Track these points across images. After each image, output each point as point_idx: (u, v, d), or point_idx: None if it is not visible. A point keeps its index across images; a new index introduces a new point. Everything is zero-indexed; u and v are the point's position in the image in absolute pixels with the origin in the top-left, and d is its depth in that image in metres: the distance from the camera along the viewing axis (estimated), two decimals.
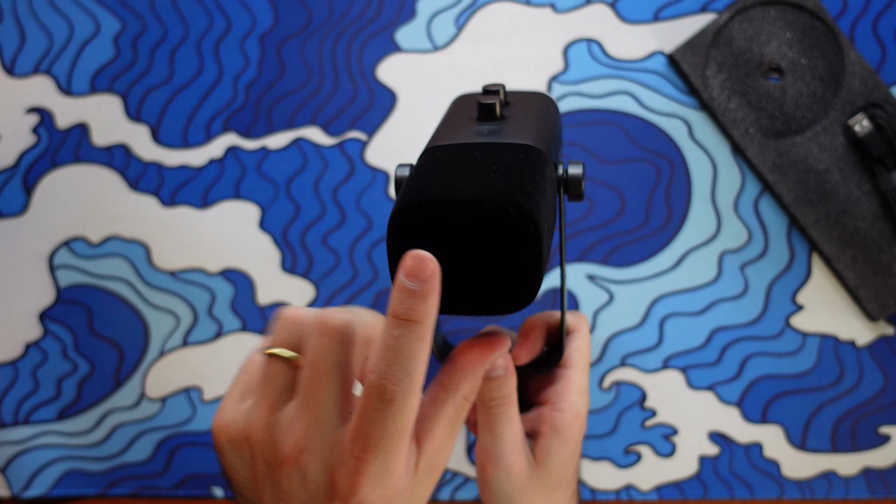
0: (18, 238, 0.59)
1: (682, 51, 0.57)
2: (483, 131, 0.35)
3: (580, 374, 0.42)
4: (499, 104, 0.37)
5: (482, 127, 0.36)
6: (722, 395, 0.59)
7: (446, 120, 0.39)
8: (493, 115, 0.37)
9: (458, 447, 0.59)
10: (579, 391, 0.41)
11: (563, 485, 0.41)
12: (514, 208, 0.29)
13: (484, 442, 0.39)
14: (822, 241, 0.58)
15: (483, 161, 0.32)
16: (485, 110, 0.37)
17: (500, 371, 0.37)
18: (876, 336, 0.59)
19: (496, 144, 0.33)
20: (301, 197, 0.59)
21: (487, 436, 0.39)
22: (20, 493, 0.59)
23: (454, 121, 0.38)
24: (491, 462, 0.39)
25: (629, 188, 0.59)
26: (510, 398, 0.38)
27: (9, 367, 0.59)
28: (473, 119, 0.37)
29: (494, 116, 0.37)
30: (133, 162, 0.59)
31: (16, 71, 0.59)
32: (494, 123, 0.36)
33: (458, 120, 0.38)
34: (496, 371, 0.37)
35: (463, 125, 0.37)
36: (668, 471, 0.60)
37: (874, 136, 0.56)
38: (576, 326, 0.44)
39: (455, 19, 0.59)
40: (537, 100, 0.41)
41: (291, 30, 0.59)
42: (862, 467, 0.59)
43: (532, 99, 0.41)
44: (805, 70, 0.58)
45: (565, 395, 0.41)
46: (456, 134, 0.36)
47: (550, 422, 0.40)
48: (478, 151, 0.33)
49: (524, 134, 0.35)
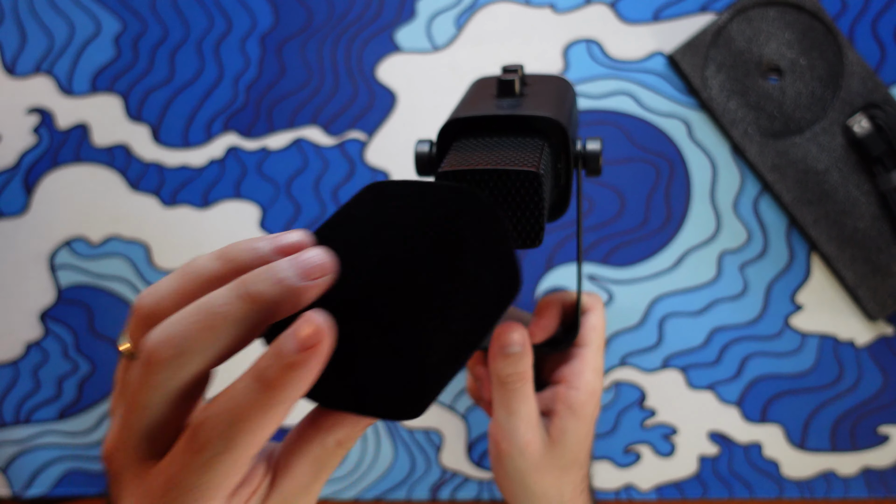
0: (19, 238, 0.59)
1: (682, 51, 0.57)
2: (503, 105, 0.37)
3: (595, 352, 0.42)
4: (518, 81, 0.38)
5: (503, 102, 0.38)
6: (721, 394, 0.59)
7: (467, 97, 0.40)
8: (511, 91, 0.38)
9: (459, 447, 0.59)
10: (594, 370, 0.41)
11: (576, 465, 0.41)
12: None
13: (499, 419, 0.39)
14: (822, 241, 0.58)
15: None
16: (504, 87, 0.38)
17: (518, 347, 0.37)
18: (875, 336, 0.59)
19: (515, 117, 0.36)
20: (301, 197, 0.59)
21: (503, 413, 0.38)
22: (21, 492, 0.59)
23: (475, 98, 0.40)
24: (505, 439, 0.39)
25: (629, 188, 0.59)
26: (526, 375, 0.38)
27: (10, 367, 0.59)
28: (493, 96, 0.39)
29: (513, 92, 0.38)
30: (134, 162, 0.59)
31: (17, 71, 0.59)
32: (514, 99, 0.38)
33: (478, 98, 0.39)
34: (513, 347, 0.37)
35: (483, 101, 0.38)
36: (667, 470, 0.60)
37: (873, 136, 0.56)
38: (591, 306, 0.44)
39: (455, 20, 0.59)
40: (555, 81, 0.43)
41: (292, 30, 0.59)
42: (861, 467, 0.59)
43: (549, 80, 0.43)
44: (804, 70, 0.58)
45: (581, 374, 0.41)
46: (477, 107, 0.37)
47: (565, 400, 0.40)
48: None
49: (543, 108, 0.36)
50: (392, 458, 0.59)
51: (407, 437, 0.59)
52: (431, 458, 0.60)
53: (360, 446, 0.59)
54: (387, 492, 0.60)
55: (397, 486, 0.60)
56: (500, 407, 0.39)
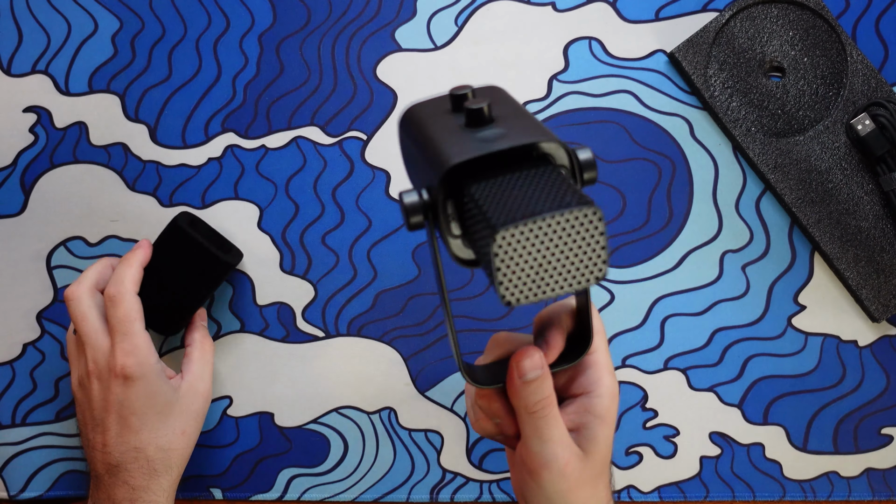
0: (16, 238, 0.59)
1: (684, 49, 0.57)
2: (488, 136, 0.35)
3: (606, 355, 0.41)
4: (486, 107, 0.35)
5: (485, 133, 0.35)
6: (723, 395, 0.59)
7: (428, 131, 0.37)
8: (483, 119, 0.35)
9: (459, 448, 0.59)
10: (610, 372, 0.41)
11: (606, 468, 0.41)
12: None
13: (532, 447, 0.38)
14: (824, 241, 0.57)
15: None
16: (475, 115, 0.35)
17: (537, 371, 0.36)
18: (878, 336, 0.59)
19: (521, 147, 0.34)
20: (300, 197, 0.59)
21: (536, 441, 0.38)
22: (17, 494, 0.59)
23: (439, 131, 0.36)
24: (545, 466, 0.38)
25: (630, 188, 0.59)
26: (551, 398, 0.37)
27: (6, 368, 0.59)
28: (462, 126, 0.36)
29: (485, 119, 0.35)
30: (131, 161, 0.59)
31: (13, 70, 0.58)
32: (492, 126, 0.35)
33: (443, 130, 0.36)
34: (532, 372, 0.36)
35: (456, 134, 0.35)
36: (669, 472, 0.59)
37: (876, 135, 0.56)
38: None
39: (455, 18, 0.59)
40: (498, 92, 0.41)
41: (290, 29, 0.59)
42: (864, 468, 0.59)
43: (494, 92, 0.40)
44: (807, 69, 0.57)
45: (600, 380, 0.40)
46: (460, 142, 0.34)
47: (591, 410, 0.40)
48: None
49: (530, 129, 0.35)
50: (392, 459, 0.59)
51: (406, 438, 0.59)
52: (431, 460, 0.59)
53: (359, 448, 0.59)
54: (386, 494, 0.59)
55: (397, 488, 0.59)
56: (532, 436, 0.38)
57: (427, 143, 0.36)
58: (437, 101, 0.40)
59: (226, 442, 0.59)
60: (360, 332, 0.59)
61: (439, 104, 0.40)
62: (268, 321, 0.59)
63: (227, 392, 0.59)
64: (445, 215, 0.34)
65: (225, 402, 0.59)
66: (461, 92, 0.37)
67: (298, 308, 0.59)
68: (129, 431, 0.49)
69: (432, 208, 0.34)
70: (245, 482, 0.59)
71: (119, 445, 0.49)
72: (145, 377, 0.49)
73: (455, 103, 0.38)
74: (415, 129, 0.38)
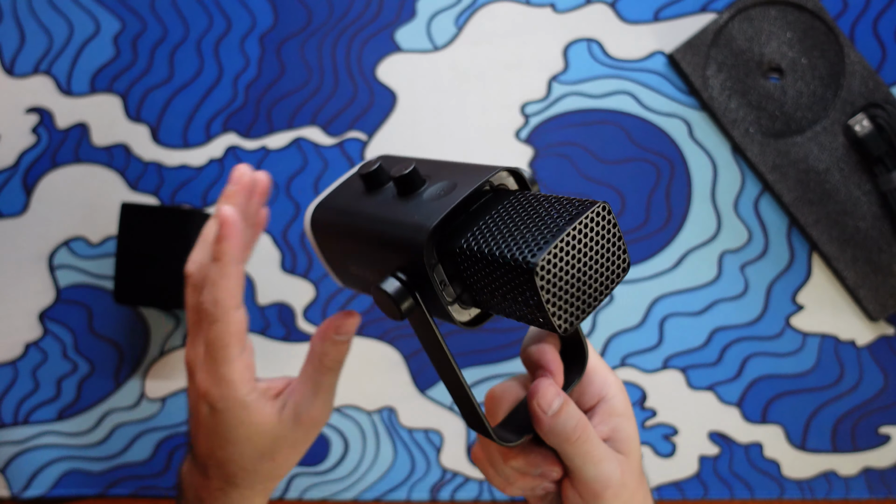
0: (18, 238, 0.59)
1: (683, 51, 0.57)
2: (439, 193, 0.32)
3: (596, 356, 0.41)
4: (414, 168, 0.33)
5: (430, 191, 0.33)
6: (722, 395, 0.59)
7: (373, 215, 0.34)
8: (420, 180, 0.33)
9: (459, 447, 0.59)
10: (609, 370, 0.40)
11: (640, 461, 0.41)
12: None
13: (588, 475, 0.37)
14: (823, 241, 0.58)
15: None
16: (409, 180, 0.33)
17: (559, 399, 0.36)
18: (876, 336, 0.59)
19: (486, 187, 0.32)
20: (301, 197, 0.59)
21: (590, 468, 0.37)
22: (20, 493, 0.59)
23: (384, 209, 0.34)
24: (607, 486, 0.37)
25: (629, 188, 0.59)
26: (584, 418, 0.37)
27: (9, 367, 0.59)
28: (396, 196, 0.34)
29: (421, 180, 0.33)
30: (133, 162, 0.59)
31: (16, 71, 0.59)
32: (428, 184, 0.33)
33: (386, 206, 0.34)
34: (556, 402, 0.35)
35: (405, 203, 0.33)
36: (668, 471, 0.59)
37: (874, 136, 0.56)
38: None
39: (455, 19, 0.59)
40: (396, 157, 0.39)
41: (291, 30, 0.59)
42: (862, 467, 0.59)
43: (396, 159, 0.38)
44: (805, 70, 0.58)
45: (606, 382, 0.40)
46: (425, 209, 0.32)
47: (614, 412, 0.39)
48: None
49: (472, 169, 0.33)
50: (392, 458, 0.59)
51: (407, 437, 0.59)
52: (431, 459, 0.59)
53: (360, 447, 0.59)
54: (387, 493, 0.59)
55: (397, 486, 0.59)
56: (583, 464, 0.37)
57: (372, 227, 0.33)
58: (340, 192, 0.38)
59: None
60: (361, 332, 0.59)
61: (345, 193, 0.37)
62: (269, 321, 0.59)
63: None
64: (437, 284, 0.31)
65: None
66: (373, 167, 0.35)
67: (299, 308, 0.59)
68: (212, 442, 0.43)
69: (418, 286, 0.32)
70: None
71: (202, 446, 0.44)
72: (229, 410, 0.41)
73: (371, 181, 0.35)
74: (341, 224, 0.35)
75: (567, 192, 0.59)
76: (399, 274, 0.32)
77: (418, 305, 0.32)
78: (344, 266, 0.38)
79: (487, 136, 0.59)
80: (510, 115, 0.59)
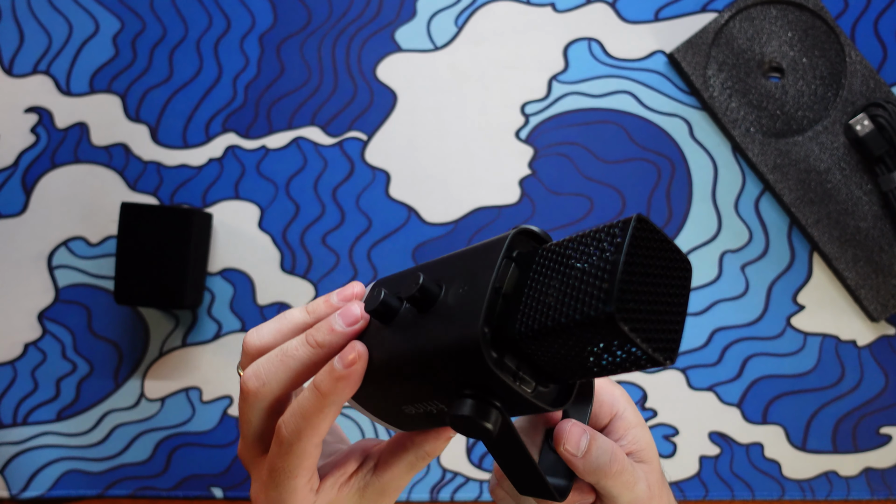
0: (17, 238, 0.59)
1: (683, 50, 0.57)
2: (463, 291, 0.30)
3: None
4: (423, 278, 0.30)
5: (452, 292, 0.30)
6: (722, 395, 0.59)
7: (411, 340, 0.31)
8: (436, 289, 0.31)
9: (459, 448, 0.59)
10: (610, 383, 0.40)
11: (660, 468, 0.40)
12: None
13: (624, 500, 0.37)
14: (823, 241, 0.57)
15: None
16: (426, 292, 0.30)
17: (586, 437, 0.35)
18: (877, 336, 0.59)
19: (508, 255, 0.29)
20: (301, 197, 0.59)
21: (627, 494, 0.37)
22: (19, 493, 0.59)
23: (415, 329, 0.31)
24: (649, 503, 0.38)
25: (630, 188, 0.59)
26: (616, 449, 0.36)
27: (8, 368, 0.59)
28: (417, 314, 0.31)
29: (438, 287, 0.31)
30: (132, 162, 0.59)
31: (15, 71, 0.59)
32: (446, 287, 0.30)
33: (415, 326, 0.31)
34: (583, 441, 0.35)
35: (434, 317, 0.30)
36: (668, 471, 0.59)
37: (875, 135, 0.56)
38: None
39: (455, 19, 0.59)
40: (394, 276, 0.36)
41: (291, 29, 0.59)
42: (863, 468, 0.59)
43: (400, 278, 0.35)
44: (806, 70, 0.57)
45: (613, 397, 0.39)
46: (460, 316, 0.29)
47: (629, 425, 0.39)
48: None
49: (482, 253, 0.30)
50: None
51: None
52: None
53: None
54: None
55: None
56: (620, 495, 0.36)
57: (412, 358, 0.30)
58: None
59: (226, 441, 0.59)
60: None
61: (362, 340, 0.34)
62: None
63: (228, 392, 0.59)
64: (510, 380, 0.28)
65: (225, 402, 0.59)
66: (380, 298, 0.32)
67: None
68: None
69: (490, 392, 0.28)
70: (246, 481, 0.59)
71: None
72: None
73: (383, 313, 0.32)
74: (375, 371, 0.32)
75: (567, 192, 0.59)
76: (465, 391, 0.29)
77: (502, 414, 0.29)
78: (397, 411, 0.34)
79: (487, 136, 0.59)
80: (510, 115, 0.59)
